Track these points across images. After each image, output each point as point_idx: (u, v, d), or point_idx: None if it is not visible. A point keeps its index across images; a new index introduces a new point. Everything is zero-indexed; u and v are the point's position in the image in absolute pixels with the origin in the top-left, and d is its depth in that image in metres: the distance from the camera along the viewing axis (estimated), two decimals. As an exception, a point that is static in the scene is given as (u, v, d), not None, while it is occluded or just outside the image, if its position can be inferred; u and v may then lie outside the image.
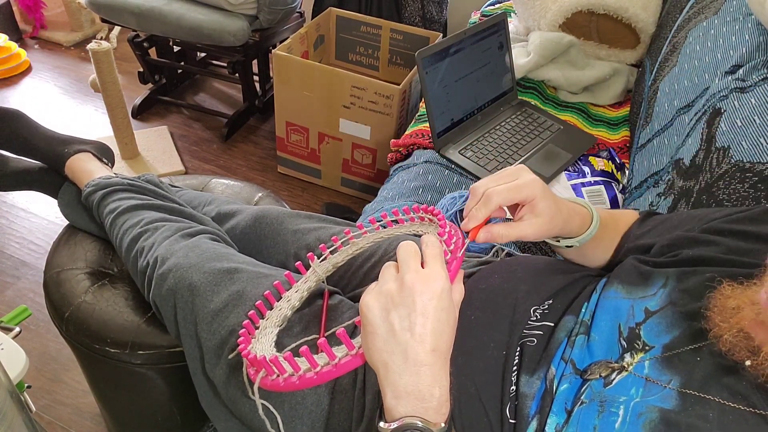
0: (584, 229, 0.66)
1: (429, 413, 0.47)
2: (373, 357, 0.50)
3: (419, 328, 0.48)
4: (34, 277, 1.66)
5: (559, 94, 1.56)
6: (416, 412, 0.47)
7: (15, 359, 0.85)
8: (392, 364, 0.48)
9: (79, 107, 2.36)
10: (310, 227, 0.94)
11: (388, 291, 0.49)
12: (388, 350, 0.48)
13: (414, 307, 0.48)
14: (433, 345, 0.48)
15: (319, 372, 0.52)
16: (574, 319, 0.60)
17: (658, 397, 0.49)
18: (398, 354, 0.48)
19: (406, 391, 0.47)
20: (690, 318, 0.53)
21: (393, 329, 0.48)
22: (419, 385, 0.47)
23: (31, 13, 2.69)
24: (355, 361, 0.52)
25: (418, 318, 0.48)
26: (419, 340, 0.48)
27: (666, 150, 1.07)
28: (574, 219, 0.64)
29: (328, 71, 1.75)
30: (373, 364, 0.50)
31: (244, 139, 2.28)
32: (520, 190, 0.59)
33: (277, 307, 0.74)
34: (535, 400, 0.55)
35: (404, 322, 0.48)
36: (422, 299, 0.48)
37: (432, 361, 0.48)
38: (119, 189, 1.02)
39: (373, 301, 0.50)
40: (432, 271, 0.50)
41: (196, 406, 0.82)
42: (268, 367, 0.56)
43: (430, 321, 0.48)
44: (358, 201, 2.03)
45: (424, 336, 0.48)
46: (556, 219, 0.61)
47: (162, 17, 1.92)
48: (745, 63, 0.93)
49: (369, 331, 0.50)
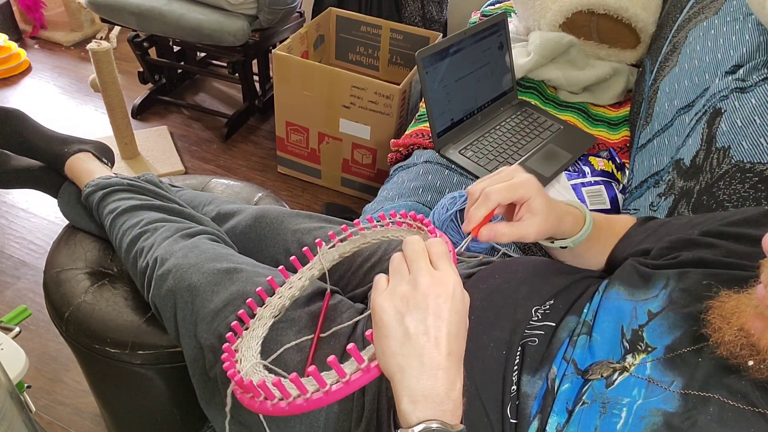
0: (577, 229, 0.67)
1: (446, 416, 0.47)
2: (388, 361, 0.49)
3: (434, 331, 0.48)
4: (34, 277, 1.66)
5: (560, 94, 1.56)
6: (434, 415, 0.47)
7: (15, 359, 0.84)
8: (408, 368, 0.48)
9: (79, 107, 2.36)
10: (310, 227, 0.94)
11: (403, 294, 0.49)
12: (404, 354, 0.48)
13: (429, 311, 0.48)
14: (449, 348, 0.48)
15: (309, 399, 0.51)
16: (576, 319, 0.60)
17: (660, 398, 0.49)
18: (414, 358, 0.48)
19: (424, 395, 0.47)
20: (691, 319, 0.53)
21: (408, 333, 0.48)
22: (437, 389, 0.47)
23: (31, 13, 2.69)
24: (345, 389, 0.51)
25: (433, 321, 0.48)
26: (435, 344, 0.48)
27: (666, 150, 1.07)
28: (566, 218, 0.65)
29: (328, 71, 1.75)
30: (388, 368, 0.49)
31: (244, 139, 2.28)
32: (517, 188, 0.61)
33: (278, 294, 0.74)
34: (536, 400, 0.55)
35: (420, 325, 0.48)
36: (437, 302, 0.48)
37: (448, 365, 0.48)
38: (119, 189, 1.02)
39: (387, 304, 0.49)
40: (444, 273, 0.50)
41: (196, 406, 0.82)
42: (256, 391, 0.55)
43: (445, 324, 0.48)
44: (358, 201, 2.03)
45: (439, 339, 0.48)
46: (551, 217, 0.63)
47: (162, 17, 1.92)
48: (746, 63, 0.93)
49: (384, 335, 0.49)
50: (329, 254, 0.77)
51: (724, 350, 0.47)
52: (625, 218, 0.75)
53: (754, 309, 0.46)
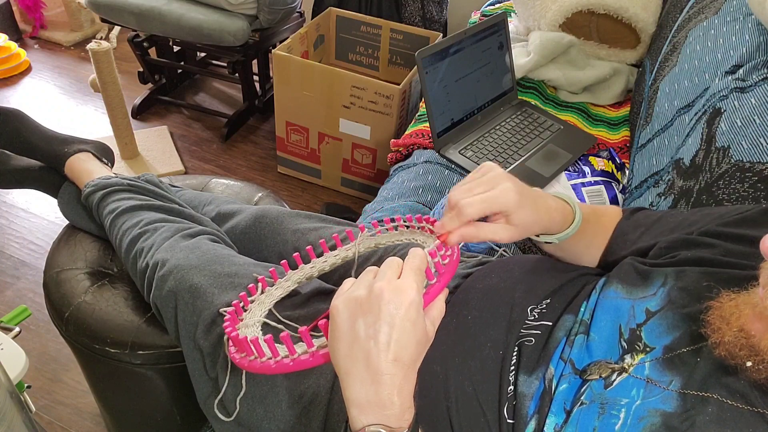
0: (565, 226, 0.65)
1: (391, 420, 0.47)
2: (338, 362, 0.50)
3: (383, 336, 0.47)
4: (34, 277, 1.66)
5: (560, 94, 1.56)
6: (378, 420, 0.47)
7: (15, 359, 0.85)
8: (354, 371, 0.48)
9: (79, 107, 2.36)
10: (310, 227, 0.94)
11: (358, 297, 0.49)
12: (352, 357, 0.48)
13: (380, 316, 0.48)
14: (396, 355, 0.48)
15: (295, 359, 0.54)
16: (573, 318, 0.60)
17: (658, 398, 0.49)
18: (361, 361, 0.48)
19: (368, 400, 0.48)
20: (690, 319, 0.53)
21: (358, 336, 0.48)
22: (380, 394, 0.47)
23: (31, 13, 2.69)
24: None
25: (383, 326, 0.47)
26: (382, 349, 0.47)
27: (666, 150, 1.07)
28: (555, 218, 0.63)
29: (328, 71, 1.75)
30: (337, 370, 0.50)
31: (244, 139, 2.28)
32: (494, 201, 0.57)
33: (312, 263, 0.77)
34: (533, 400, 0.55)
35: (369, 329, 0.48)
36: (389, 308, 0.48)
37: (393, 371, 0.48)
38: (119, 189, 1.02)
39: (342, 306, 0.49)
40: (403, 283, 0.49)
41: (195, 406, 0.82)
42: (248, 348, 0.57)
43: (395, 331, 0.48)
44: (358, 201, 2.03)
45: (387, 345, 0.47)
46: (533, 227, 0.61)
47: (162, 17, 1.92)
48: (745, 63, 0.93)
49: (335, 336, 0.49)
50: (368, 241, 0.78)
51: (723, 350, 0.47)
52: (612, 210, 0.74)
53: (753, 310, 0.46)
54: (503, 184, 0.58)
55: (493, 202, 0.57)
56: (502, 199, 0.57)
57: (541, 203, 0.62)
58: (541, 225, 0.62)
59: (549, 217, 0.62)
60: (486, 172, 0.60)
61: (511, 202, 0.58)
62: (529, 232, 0.61)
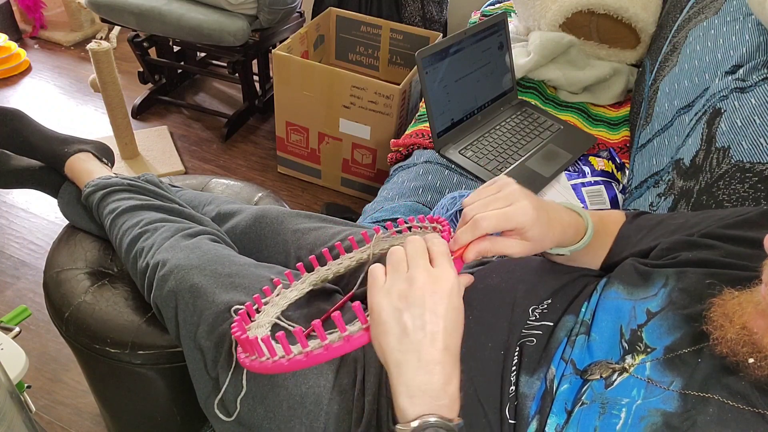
0: (578, 238, 0.65)
1: (443, 410, 0.48)
2: (386, 356, 0.50)
3: (431, 326, 0.49)
4: (34, 277, 1.66)
5: (560, 94, 1.56)
6: (431, 410, 0.48)
7: (15, 359, 0.85)
8: (406, 364, 0.49)
9: (79, 107, 2.36)
10: (310, 227, 0.94)
11: (400, 290, 0.50)
12: (402, 349, 0.49)
13: (426, 307, 0.49)
14: (445, 344, 0.49)
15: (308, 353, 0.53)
16: (574, 318, 0.60)
17: (659, 398, 0.49)
18: (411, 353, 0.49)
19: (421, 390, 0.48)
20: (692, 320, 0.53)
21: (406, 329, 0.49)
22: (433, 384, 0.48)
23: (31, 12, 2.69)
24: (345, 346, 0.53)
25: (430, 317, 0.49)
26: (432, 339, 0.49)
27: (666, 150, 1.07)
28: (568, 233, 0.63)
29: (328, 71, 1.75)
30: (386, 364, 0.51)
31: (244, 139, 2.28)
32: (511, 218, 0.57)
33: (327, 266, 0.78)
34: (535, 401, 0.55)
35: (417, 321, 0.49)
36: (433, 299, 0.49)
37: (444, 360, 0.49)
38: (119, 189, 1.02)
39: (385, 301, 0.50)
40: (442, 271, 0.51)
41: (196, 407, 0.82)
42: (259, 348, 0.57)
43: (441, 320, 0.49)
44: (358, 201, 2.03)
45: (436, 335, 0.49)
46: (546, 242, 0.60)
47: (162, 17, 1.92)
48: (745, 63, 0.93)
49: (382, 331, 0.50)
50: (382, 243, 0.79)
51: (725, 348, 0.47)
52: (616, 214, 0.74)
53: (756, 308, 0.46)
54: (521, 201, 0.58)
55: (510, 218, 0.57)
56: (519, 216, 0.57)
57: (555, 219, 0.61)
58: (554, 240, 0.61)
59: (563, 232, 0.62)
60: (502, 186, 0.60)
61: (528, 220, 0.57)
62: (543, 247, 0.60)
